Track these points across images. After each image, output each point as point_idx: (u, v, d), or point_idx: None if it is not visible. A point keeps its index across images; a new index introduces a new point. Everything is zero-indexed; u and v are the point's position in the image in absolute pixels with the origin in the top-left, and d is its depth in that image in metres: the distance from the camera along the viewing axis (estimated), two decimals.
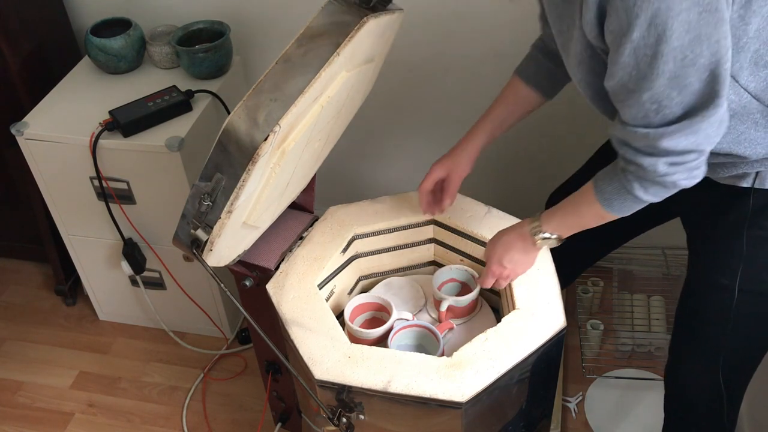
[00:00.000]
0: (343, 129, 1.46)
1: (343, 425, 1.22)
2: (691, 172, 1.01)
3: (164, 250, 1.88)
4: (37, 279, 2.32)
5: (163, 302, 2.03)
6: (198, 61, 1.80)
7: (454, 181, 1.38)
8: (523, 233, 1.24)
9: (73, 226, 1.93)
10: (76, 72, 1.93)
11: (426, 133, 2.05)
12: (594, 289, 1.99)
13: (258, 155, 1.06)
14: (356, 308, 1.38)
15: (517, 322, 1.24)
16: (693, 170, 1.01)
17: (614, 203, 1.09)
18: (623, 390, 1.88)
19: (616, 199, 1.08)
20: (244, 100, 1.08)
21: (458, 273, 1.44)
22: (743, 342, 1.25)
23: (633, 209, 1.10)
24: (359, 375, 1.17)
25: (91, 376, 2.04)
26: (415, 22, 1.78)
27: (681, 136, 0.96)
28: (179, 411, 1.93)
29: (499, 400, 1.24)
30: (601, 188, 1.10)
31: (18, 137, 1.76)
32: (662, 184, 1.02)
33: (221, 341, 2.08)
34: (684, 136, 0.96)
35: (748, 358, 1.30)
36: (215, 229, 1.13)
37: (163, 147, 1.67)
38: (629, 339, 1.92)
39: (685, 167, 1.00)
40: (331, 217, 1.46)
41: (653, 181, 1.02)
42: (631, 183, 1.04)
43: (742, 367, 1.30)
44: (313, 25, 1.12)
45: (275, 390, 1.62)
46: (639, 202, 1.07)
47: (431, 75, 1.93)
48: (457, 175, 1.37)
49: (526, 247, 1.24)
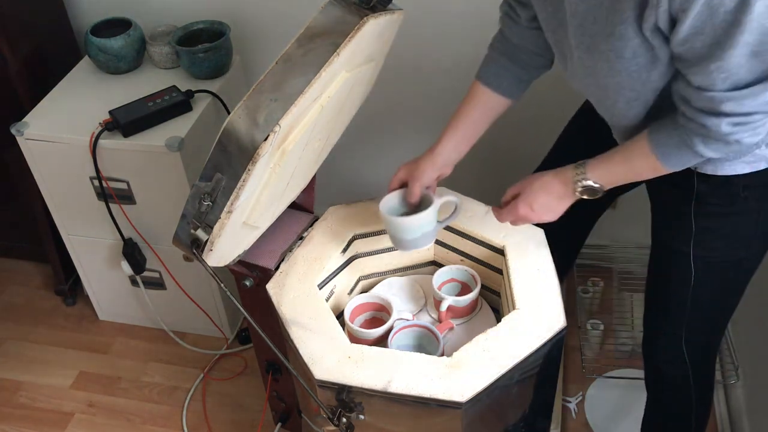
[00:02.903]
0: (343, 129, 1.46)
1: (343, 425, 1.22)
2: (756, 130, 0.99)
3: (164, 250, 1.88)
4: (37, 279, 2.32)
5: (163, 302, 2.03)
6: (198, 61, 1.80)
7: (413, 187, 1.32)
8: (565, 179, 1.19)
9: (73, 226, 1.93)
10: (76, 72, 1.93)
11: (426, 133, 2.05)
12: (594, 289, 1.99)
13: (258, 155, 1.06)
14: (356, 308, 1.38)
15: (517, 322, 1.24)
16: (757, 128, 0.99)
17: (672, 157, 1.07)
18: (623, 390, 1.88)
19: (675, 153, 1.06)
20: (244, 100, 1.08)
21: (458, 273, 1.44)
22: (704, 311, 1.29)
23: (691, 163, 1.08)
24: (359, 375, 1.17)
25: (91, 376, 2.04)
26: (416, 22, 1.78)
27: (748, 99, 0.95)
28: (179, 411, 1.93)
29: (499, 401, 1.24)
30: (659, 141, 1.07)
31: (18, 137, 1.76)
32: (725, 141, 1.00)
33: (221, 341, 2.08)
34: (751, 99, 0.95)
35: (710, 327, 1.34)
36: (215, 229, 1.13)
37: (163, 147, 1.67)
38: (629, 339, 1.92)
39: (750, 126, 0.98)
40: (331, 217, 1.46)
41: (716, 139, 1.00)
42: (693, 139, 1.02)
43: (705, 336, 1.35)
44: (313, 25, 1.12)
45: (275, 390, 1.62)
46: (698, 157, 1.05)
47: (431, 75, 1.93)
48: (416, 181, 1.30)
49: (563, 194, 1.20)
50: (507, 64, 1.30)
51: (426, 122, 2.02)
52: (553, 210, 1.23)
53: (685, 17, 0.91)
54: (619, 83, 1.08)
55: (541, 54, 1.29)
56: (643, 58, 1.02)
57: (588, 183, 1.16)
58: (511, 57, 1.30)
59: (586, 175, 1.16)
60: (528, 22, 1.26)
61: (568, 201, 1.21)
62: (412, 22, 1.60)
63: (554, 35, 1.17)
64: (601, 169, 1.16)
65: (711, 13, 0.89)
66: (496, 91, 1.30)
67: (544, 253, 1.36)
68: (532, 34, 1.27)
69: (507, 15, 1.29)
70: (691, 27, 0.92)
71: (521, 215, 1.24)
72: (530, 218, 1.24)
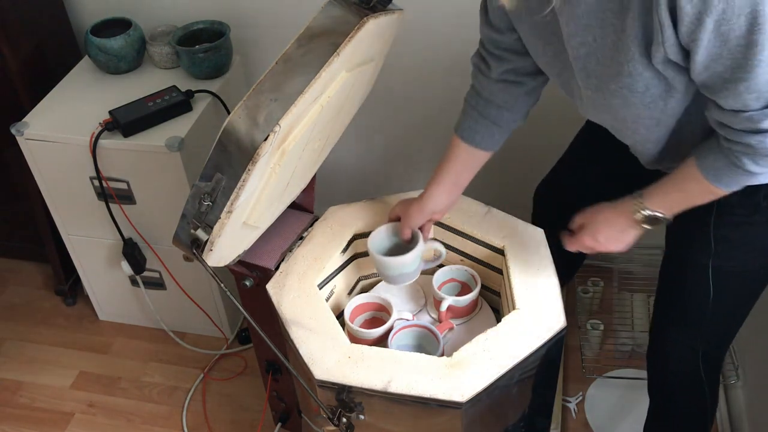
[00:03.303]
0: (343, 129, 1.46)
1: (343, 425, 1.22)
2: None
3: (164, 250, 1.88)
4: (37, 279, 2.32)
5: (163, 302, 2.03)
6: (198, 61, 1.80)
7: (403, 228, 1.36)
8: (625, 211, 1.17)
9: (73, 226, 1.93)
10: (76, 72, 1.93)
11: (426, 133, 2.05)
12: (594, 289, 1.99)
13: (258, 155, 1.06)
14: (356, 308, 1.38)
15: (517, 322, 1.24)
16: None
17: (724, 178, 1.04)
18: (623, 390, 1.88)
19: (726, 174, 1.04)
20: (244, 100, 1.08)
21: (458, 273, 1.44)
22: (719, 321, 1.28)
23: (747, 182, 1.05)
24: (359, 375, 1.17)
25: (91, 376, 2.04)
26: (416, 22, 1.78)
27: None
28: (179, 411, 1.93)
29: (499, 401, 1.24)
30: (707, 165, 1.05)
31: (18, 137, 1.76)
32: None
33: (221, 341, 2.08)
34: None
35: (723, 336, 1.33)
36: (215, 229, 1.13)
37: (163, 147, 1.67)
38: (629, 339, 1.92)
39: None
40: (331, 217, 1.46)
41: (764, 155, 0.98)
42: (741, 159, 1.00)
43: (718, 345, 1.34)
44: (313, 25, 1.12)
45: (275, 390, 1.62)
46: (751, 176, 1.03)
47: (431, 75, 1.93)
48: (406, 223, 1.35)
49: (626, 226, 1.19)
50: (478, 119, 1.29)
51: (426, 122, 2.02)
52: (619, 241, 1.21)
53: (697, 47, 0.90)
54: (636, 114, 1.07)
55: (510, 110, 1.27)
56: (657, 90, 1.01)
57: (648, 213, 1.14)
58: (481, 112, 1.28)
59: (645, 206, 1.14)
60: (499, 75, 1.24)
61: (633, 231, 1.19)
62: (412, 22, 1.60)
63: (559, 78, 1.16)
64: (658, 198, 1.14)
65: (723, 40, 0.88)
66: (471, 145, 1.30)
67: (544, 253, 1.36)
68: (500, 88, 1.26)
69: (477, 67, 1.28)
70: (708, 55, 0.91)
71: (587, 246, 1.24)
72: (597, 249, 1.24)
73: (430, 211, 1.35)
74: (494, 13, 1.18)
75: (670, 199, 1.13)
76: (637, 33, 0.94)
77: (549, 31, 1.08)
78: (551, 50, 1.11)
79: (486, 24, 1.21)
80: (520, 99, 1.26)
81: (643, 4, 0.92)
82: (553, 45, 1.10)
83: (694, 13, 0.87)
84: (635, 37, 0.95)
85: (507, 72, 1.23)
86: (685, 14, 0.87)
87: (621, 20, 0.95)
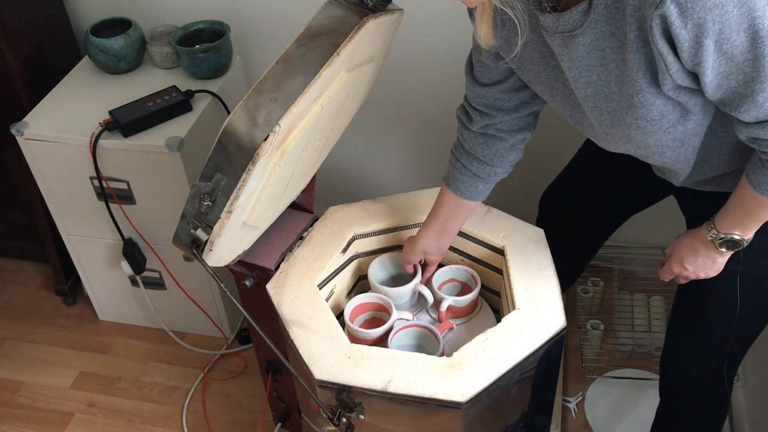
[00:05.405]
0: (343, 129, 1.46)
1: (343, 425, 1.22)
2: None
3: (164, 250, 1.88)
4: (37, 279, 2.32)
5: (163, 302, 2.03)
6: (198, 61, 1.80)
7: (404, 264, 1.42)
8: (703, 238, 1.18)
9: (73, 226, 1.93)
10: (76, 72, 1.93)
11: (426, 133, 2.05)
12: (594, 289, 1.99)
13: (258, 155, 1.06)
14: (356, 308, 1.38)
15: (517, 322, 1.24)
16: None
17: None
18: (623, 390, 1.88)
19: None
20: (244, 100, 1.08)
21: (458, 273, 1.44)
22: (742, 329, 1.27)
23: None
24: (359, 375, 1.17)
25: (91, 376, 2.04)
26: (416, 22, 1.78)
27: None
28: (179, 411, 1.93)
29: (499, 400, 1.24)
30: (758, 180, 1.04)
31: (18, 137, 1.76)
32: None
33: (221, 341, 2.08)
34: None
35: (743, 344, 1.33)
36: (215, 229, 1.13)
37: (163, 147, 1.67)
38: (629, 339, 1.92)
39: None
40: (331, 217, 1.46)
41: None
42: None
43: (738, 348, 1.33)
44: (313, 25, 1.12)
45: (275, 390, 1.62)
46: None
47: (431, 75, 1.93)
48: (402, 256, 1.41)
49: (709, 252, 1.19)
50: (462, 170, 1.30)
51: (426, 122, 2.02)
52: (707, 266, 1.22)
53: (703, 69, 0.90)
54: (657, 140, 1.06)
55: (490, 164, 1.28)
56: (673, 115, 1.01)
57: (722, 236, 1.15)
58: (464, 164, 1.30)
59: (717, 229, 1.15)
60: (479, 129, 1.25)
61: (717, 256, 1.19)
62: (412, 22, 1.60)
63: (572, 118, 1.16)
64: (726, 220, 1.14)
65: (729, 58, 0.88)
66: (457, 194, 1.32)
67: (544, 253, 1.36)
68: (481, 142, 1.26)
69: (460, 120, 1.29)
70: (717, 75, 0.91)
71: (677, 273, 1.26)
72: (689, 276, 1.25)
73: (421, 251, 1.39)
74: (479, 69, 1.21)
75: (737, 219, 1.12)
76: (640, 65, 0.94)
77: (552, 77, 1.09)
78: (559, 95, 1.12)
79: (471, 80, 1.23)
80: (502, 154, 1.28)
81: (639, 38, 0.91)
82: (559, 90, 1.11)
83: (691, 37, 0.87)
84: (639, 70, 0.95)
85: (488, 127, 1.25)
86: (683, 40, 0.87)
87: (621, 55, 0.95)
